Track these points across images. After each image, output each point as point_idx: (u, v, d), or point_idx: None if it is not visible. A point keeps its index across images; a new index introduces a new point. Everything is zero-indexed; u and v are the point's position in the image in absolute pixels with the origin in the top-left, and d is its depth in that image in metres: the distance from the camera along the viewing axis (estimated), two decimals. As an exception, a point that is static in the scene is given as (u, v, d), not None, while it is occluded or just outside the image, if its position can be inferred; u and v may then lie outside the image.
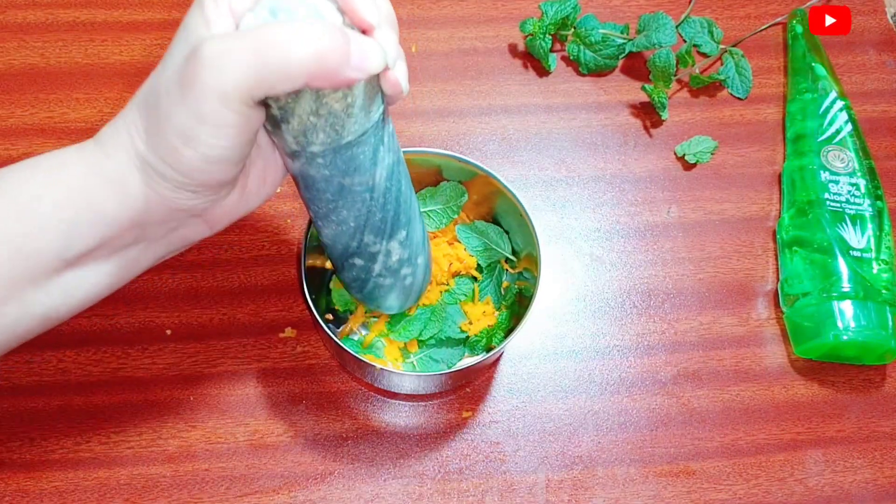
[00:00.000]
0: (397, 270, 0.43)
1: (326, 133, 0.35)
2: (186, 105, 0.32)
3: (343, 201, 0.38)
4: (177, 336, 0.58)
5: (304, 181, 0.38)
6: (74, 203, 0.35)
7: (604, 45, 0.68)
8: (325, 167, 0.37)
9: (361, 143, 0.36)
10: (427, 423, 0.57)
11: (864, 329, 0.57)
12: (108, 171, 0.35)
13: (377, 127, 0.36)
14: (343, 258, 0.43)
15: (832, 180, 0.62)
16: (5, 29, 0.67)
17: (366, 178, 0.38)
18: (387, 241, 0.41)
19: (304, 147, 0.36)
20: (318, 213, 0.40)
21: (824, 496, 0.56)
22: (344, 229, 0.40)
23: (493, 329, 0.56)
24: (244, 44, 0.31)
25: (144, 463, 0.54)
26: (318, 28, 0.31)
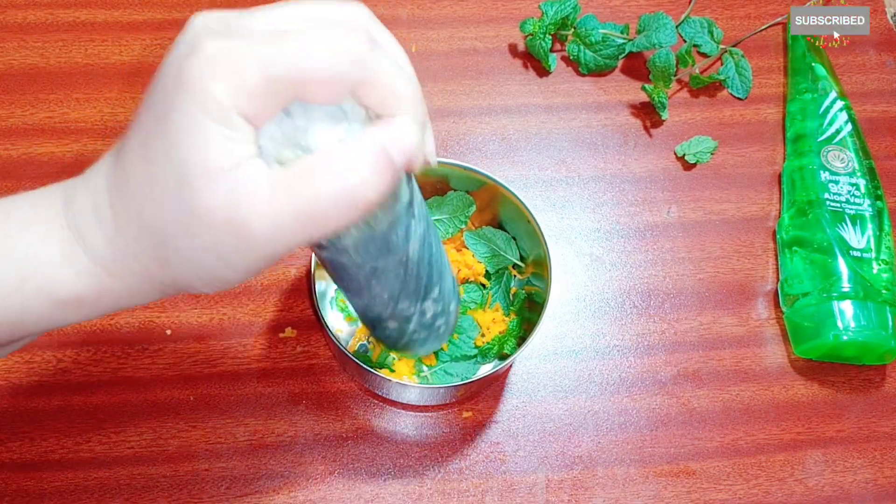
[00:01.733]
0: (431, 324, 0.41)
1: (359, 230, 0.33)
2: (211, 252, 0.28)
3: (376, 280, 0.36)
4: (177, 336, 0.57)
5: (332, 266, 0.36)
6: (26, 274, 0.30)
7: (604, 45, 0.68)
8: (356, 256, 0.34)
9: (394, 227, 0.34)
10: (427, 423, 0.57)
11: (864, 329, 0.57)
12: None
13: (408, 206, 0.34)
14: (376, 323, 0.40)
15: (832, 180, 0.62)
16: (5, 29, 0.67)
17: (399, 255, 0.35)
18: (421, 303, 0.39)
19: (335, 243, 0.33)
20: (348, 289, 0.38)
21: (824, 496, 0.56)
22: (377, 301, 0.38)
23: (505, 336, 0.56)
24: (292, 211, 0.27)
25: (144, 463, 0.54)
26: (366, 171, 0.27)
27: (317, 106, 0.28)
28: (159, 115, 0.27)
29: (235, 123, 0.26)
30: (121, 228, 0.29)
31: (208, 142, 0.26)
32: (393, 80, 0.28)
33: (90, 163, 0.32)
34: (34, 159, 0.62)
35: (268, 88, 0.26)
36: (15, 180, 0.61)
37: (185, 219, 0.28)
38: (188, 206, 0.27)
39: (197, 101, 0.26)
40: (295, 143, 0.28)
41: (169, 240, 0.29)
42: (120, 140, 0.30)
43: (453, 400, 0.57)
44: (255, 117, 0.27)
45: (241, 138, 0.27)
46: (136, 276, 0.30)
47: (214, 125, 0.26)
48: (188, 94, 0.26)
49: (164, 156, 0.27)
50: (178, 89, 0.26)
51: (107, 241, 0.30)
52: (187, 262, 0.29)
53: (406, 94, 0.29)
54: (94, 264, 0.30)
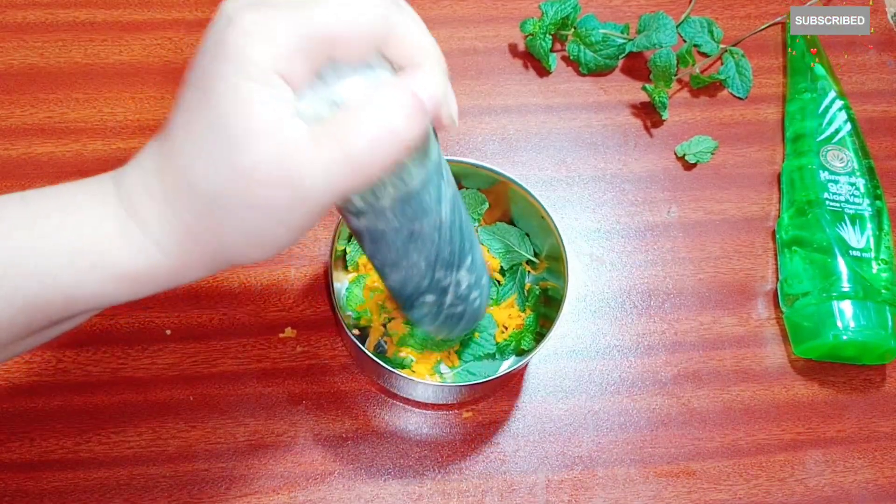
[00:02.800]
0: (467, 296, 0.42)
1: (395, 186, 0.34)
2: (262, 210, 0.29)
3: (413, 245, 0.37)
4: (177, 336, 0.57)
5: (370, 235, 0.37)
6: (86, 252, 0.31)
7: (604, 45, 0.68)
8: (394, 219, 0.35)
9: (427, 186, 0.35)
10: (427, 423, 0.57)
11: (863, 329, 0.57)
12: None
13: (438, 165, 0.36)
14: (413, 298, 0.41)
15: (831, 180, 0.62)
16: (5, 29, 0.67)
17: (433, 217, 0.37)
18: (456, 272, 0.40)
19: (373, 204, 0.34)
20: (387, 261, 0.39)
21: (824, 496, 0.56)
22: (415, 272, 0.39)
23: (522, 332, 0.56)
24: (337, 158, 0.28)
25: (144, 463, 0.54)
26: (402, 113, 0.29)
27: (346, 65, 0.30)
28: (202, 88, 0.29)
29: (275, 83, 0.28)
30: (171, 202, 0.31)
31: (251, 102, 0.28)
32: (416, 33, 0.31)
33: (90, 163, 0.33)
34: (34, 159, 0.62)
35: (302, 48, 0.28)
36: (15, 180, 0.61)
37: (236, 178, 0.29)
38: (238, 166, 0.28)
39: (237, 66, 0.28)
40: (329, 100, 0.30)
41: (221, 205, 0.30)
42: (163, 126, 0.31)
43: (476, 397, 0.57)
44: (293, 77, 0.28)
45: (282, 96, 0.28)
46: (189, 249, 0.31)
47: (255, 85, 0.28)
48: (228, 62, 0.28)
49: (209, 123, 0.29)
50: (217, 60, 0.28)
51: (158, 217, 0.31)
52: (239, 224, 0.30)
53: (428, 47, 0.31)
54: (147, 240, 0.31)
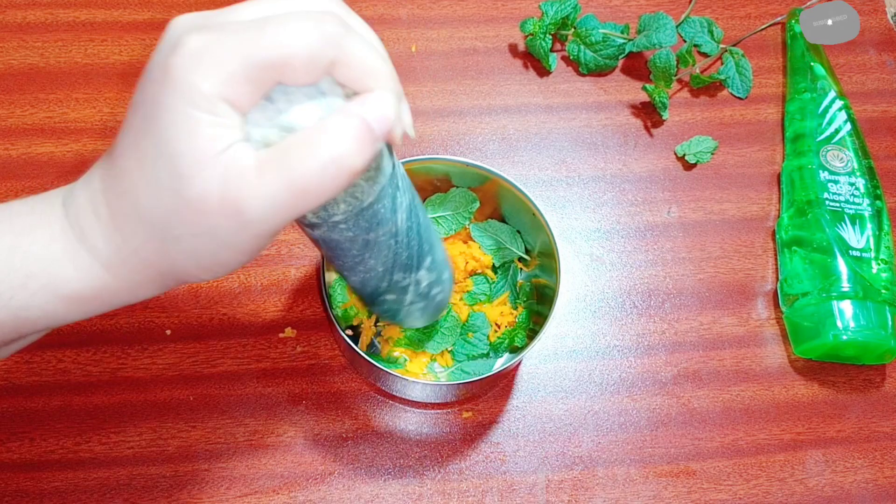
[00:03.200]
0: (428, 293, 0.43)
1: (347, 203, 0.34)
2: (208, 236, 0.29)
3: (369, 253, 0.38)
4: (176, 336, 0.57)
5: (325, 245, 0.38)
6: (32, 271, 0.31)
7: (604, 45, 0.68)
8: (347, 230, 0.36)
9: (381, 199, 0.35)
10: (427, 423, 0.57)
11: (863, 329, 0.57)
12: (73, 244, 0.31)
13: (392, 177, 0.36)
14: (373, 297, 0.42)
15: (831, 180, 0.62)
16: (5, 29, 0.67)
17: (388, 227, 0.37)
18: (415, 273, 0.41)
19: (325, 219, 0.35)
20: (344, 266, 0.39)
21: (824, 496, 0.56)
22: (372, 275, 0.40)
23: (515, 329, 0.57)
24: (282, 186, 0.28)
25: (144, 463, 0.54)
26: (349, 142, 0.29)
27: (296, 88, 0.30)
28: (147, 113, 0.29)
29: (221, 111, 0.28)
30: (119, 225, 0.30)
31: (196, 130, 0.28)
32: (366, 56, 0.30)
33: (90, 163, 0.33)
34: (34, 159, 0.62)
35: (248, 74, 0.28)
36: (15, 180, 0.61)
37: (181, 207, 0.29)
38: (182, 193, 0.28)
39: (182, 94, 0.27)
40: (279, 125, 0.30)
41: (167, 230, 0.30)
42: (112, 143, 0.31)
43: (469, 395, 0.57)
44: (239, 103, 0.28)
45: (228, 124, 0.28)
46: (137, 270, 0.31)
47: (201, 114, 0.27)
48: (173, 88, 0.27)
49: (154, 150, 0.28)
50: (163, 85, 0.28)
51: (106, 239, 0.31)
52: (186, 250, 0.30)
53: (380, 70, 0.30)
54: (96, 261, 0.31)
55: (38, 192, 0.64)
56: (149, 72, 0.29)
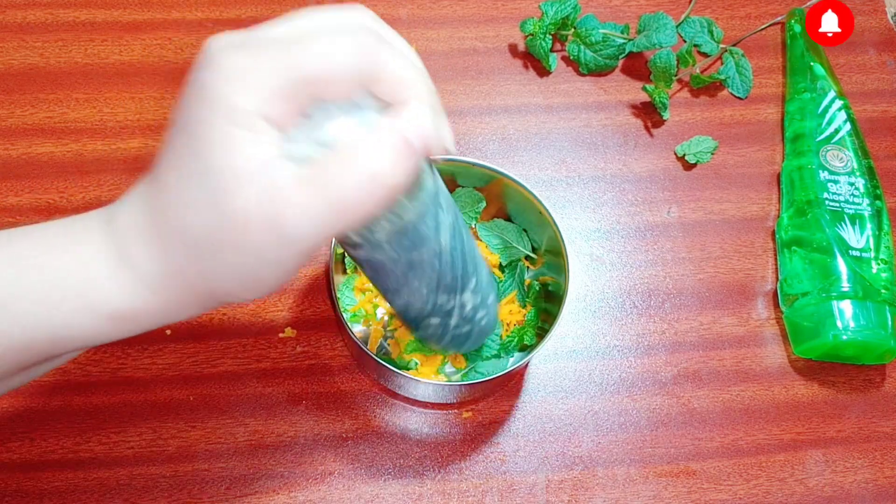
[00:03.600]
0: (473, 317, 0.42)
1: (390, 221, 0.34)
2: (250, 253, 0.29)
3: (413, 274, 0.37)
4: (176, 336, 0.57)
5: (369, 265, 0.37)
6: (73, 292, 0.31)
7: (604, 45, 0.68)
8: (391, 251, 0.35)
9: (424, 218, 0.35)
10: (427, 423, 0.57)
11: (863, 329, 0.57)
12: None
13: (434, 196, 0.35)
14: (418, 321, 0.42)
15: (831, 180, 0.62)
16: (5, 29, 0.67)
17: (432, 246, 0.36)
18: (460, 295, 0.40)
19: (368, 238, 0.35)
20: (388, 288, 0.39)
21: (824, 496, 0.56)
22: (417, 297, 0.39)
23: (524, 328, 0.57)
24: (322, 202, 0.28)
25: (144, 463, 0.54)
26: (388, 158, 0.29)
27: (333, 104, 0.30)
28: (187, 132, 0.29)
29: (260, 128, 0.28)
30: (162, 243, 0.31)
31: (236, 148, 0.28)
32: (402, 69, 0.30)
33: (90, 163, 0.33)
34: (34, 159, 0.62)
35: (286, 90, 0.28)
36: (15, 180, 0.61)
37: (222, 223, 0.29)
38: (224, 211, 0.28)
39: (222, 112, 0.28)
40: (317, 141, 0.30)
41: (209, 249, 0.30)
42: (153, 164, 0.31)
43: (481, 395, 0.57)
44: (278, 120, 0.28)
45: (267, 141, 0.28)
46: (178, 290, 0.31)
47: (240, 131, 0.28)
48: (213, 107, 0.28)
49: (195, 168, 0.29)
50: (202, 104, 0.28)
51: (149, 257, 0.31)
52: (228, 268, 0.30)
53: (416, 82, 0.31)
54: (137, 280, 0.31)
55: (39, 193, 0.64)
56: (189, 90, 0.29)
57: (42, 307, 0.31)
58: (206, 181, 0.29)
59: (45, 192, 0.61)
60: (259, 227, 0.28)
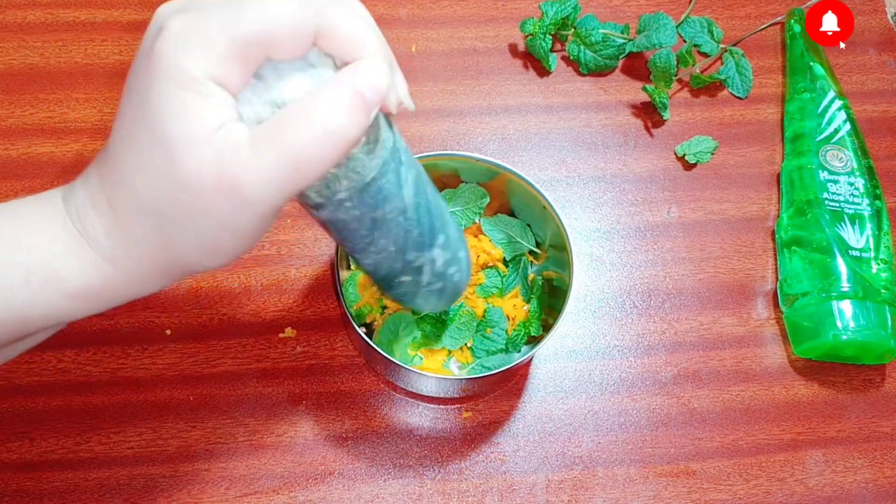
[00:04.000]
0: (444, 273, 0.42)
1: (349, 178, 0.34)
2: (208, 219, 0.29)
3: (379, 232, 0.37)
4: (176, 336, 0.57)
5: (333, 226, 0.37)
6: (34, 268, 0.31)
7: (604, 45, 0.68)
8: (353, 208, 0.35)
9: (384, 174, 0.35)
10: (427, 423, 0.57)
11: (863, 329, 0.57)
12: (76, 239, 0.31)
13: (394, 151, 0.35)
14: (389, 279, 0.41)
15: (831, 180, 0.62)
16: (5, 29, 0.67)
17: (396, 203, 0.36)
18: (429, 251, 0.40)
19: (329, 197, 0.34)
20: (355, 248, 0.39)
21: (824, 496, 0.56)
22: (385, 256, 0.39)
23: (528, 320, 0.57)
24: (278, 160, 0.28)
25: (144, 463, 0.54)
26: (341, 112, 0.28)
27: (286, 64, 0.30)
28: (138, 101, 0.29)
29: (210, 90, 0.28)
30: (119, 216, 0.30)
31: (187, 112, 0.27)
32: (352, 24, 0.30)
33: (90, 162, 0.33)
34: (34, 159, 0.62)
35: (235, 51, 0.28)
36: (15, 180, 0.61)
37: (178, 190, 0.28)
38: (178, 176, 0.28)
39: (171, 76, 0.27)
40: (270, 101, 0.30)
41: (166, 216, 0.29)
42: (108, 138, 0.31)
43: (487, 389, 0.57)
44: (229, 82, 0.28)
45: (219, 104, 0.28)
46: (140, 262, 0.31)
47: (191, 95, 0.27)
48: (161, 72, 0.28)
49: (147, 136, 0.28)
50: (151, 70, 0.28)
51: (107, 231, 0.31)
52: (187, 235, 0.30)
53: (369, 38, 0.30)
54: (99, 255, 0.31)
55: (39, 192, 0.64)
56: (137, 60, 0.29)
57: (9, 286, 0.31)
58: (158, 148, 0.28)
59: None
60: (214, 189, 0.28)
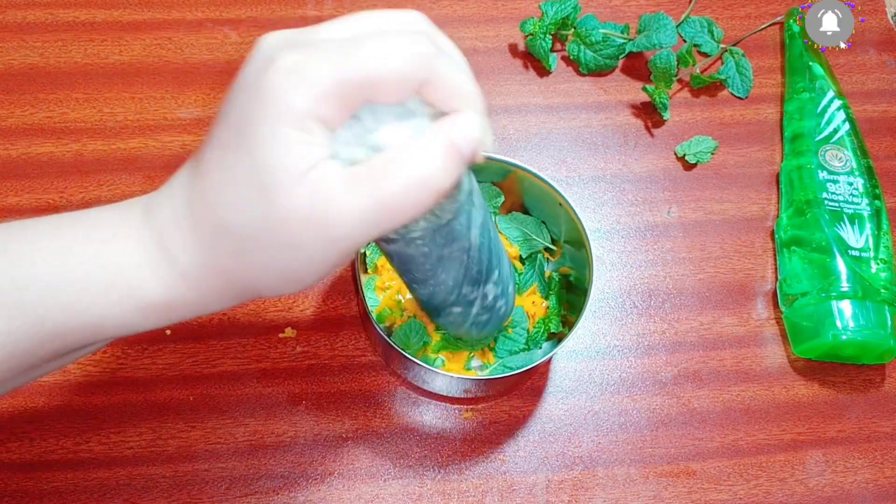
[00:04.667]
0: (493, 306, 0.43)
1: (427, 220, 0.34)
2: (294, 250, 0.30)
3: (441, 268, 0.38)
4: (176, 336, 0.57)
5: (399, 258, 0.38)
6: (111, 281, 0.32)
7: (604, 45, 0.68)
8: (423, 246, 0.36)
9: (458, 216, 0.36)
10: (427, 423, 0.57)
11: (862, 328, 0.57)
12: None
13: (469, 194, 0.36)
14: (440, 310, 0.43)
15: (830, 180, 0.62)
16: (5, 29, 0.67)
17: (463, 243, 0.37)
18: (483, 287, 0.41)
19: (404, 235, 0.35)
20: (414, 279, 0.40)
21: (825, 496, 0.56)
22: (442, 289, 0.40)
23: (548, 317, 0.57)
24: (371, 203, 0.29)
25: (144, 463, 0.54)
26: (438, 163, 0.29)
27: (384, 107, 0.30)
28: (237, 128, 0.29)
29: (311, 128, 0.28)
30: (202, 236, 0.31)
31: (287, 147, 0.28)
32: (455, 77, 0.30)
33: (90, 163, 0.33)
34: (34, 159, 0.62)
35: (340, 93, 0.28)
36: (15, 180, 0.61)
37: (268, 220, 0.29)
38: (270, 207, 0.29)
39: (274, 110, 0.28)
40: (366, 144, 0.30)
41: (252, 244, 0.30)
42: (195, 155, 0.31)
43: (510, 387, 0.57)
44: (329, 121, 0.29)
45: (318, 142, 0.28)
46: (216, 284, 0.32)
47: (292, 131, 0.28)
48: (266, 105, 0.28)
49: (243, 164, 0.29)
50: (255, 101, 0.28)
51: (188, 250, 0.31)
52: (270, 263, 0.30)
53: (468, 90, 0.31)
54: (175, 272, 0.31)
55: (39, 193, 0.64)
56: (240, 86, 0.30)
57: (85, 297, 0.31)
58: (253, 179, 0.29)
59: (45, 191, 0.61)
60: (305, 225, 0.29)
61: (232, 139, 0.29)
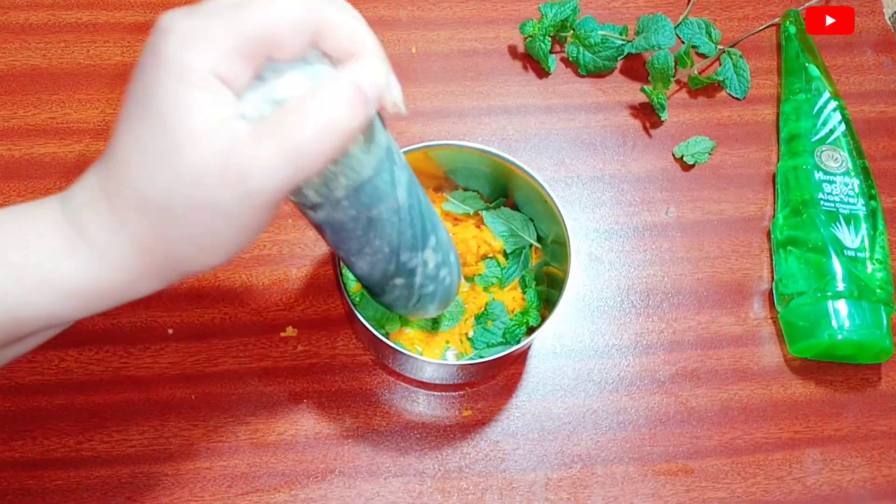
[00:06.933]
0: (436, 275, 0.43)
1: (346, 176, 0.35)
2: (208, 211, 0.30)
3: (374, 232, 0.38)
4: (178, 335, 0.58)
5: (330, 227, 0.38)
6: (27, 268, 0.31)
7: (603, 46, 0.69)
8: (350, 208, 0.36)
9: (380, 172, 0.36)
10: (427, 421, 0.57)
11: (858, 328, 0.57)
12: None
13: (388, 151, 0.36)
14: (382, 283, 0.43)
15: (826, 180, 0.63)
16: (8, 30, 0.67)
17: (390, 202, 0.38)
18: (421, 252, 0.41)
19: (327, 196, 0.35)
20: (350, 251, 0.40)
21: (822, 495, 0.57)
22: (379, 257, 0.40)
23: (526, 310, 0.57)
24: (280, 152, 0.29)
25: (146, 461, 0.54)
26: (342, 106, 0.30)
27: (286, 64, 0.31)
28: (142, 99, 0.30)
29: (214, 87, 0.29)
30: (117, 212, 0.31)
31: (192, 106, 0.28)
32: (349, 24, 0.31)
33: (92, 163, 0.33)
34: (36, 160, 0.63)
35: (239, 49, 0.29)
36: (17, 181, 0.62)
37: (181, 183, 0.29)
38: (182, 169, 0.29)
39: (176, 73, 0.28)
40: (271, 100, 0.31)
41: (168, 210, 0.30)
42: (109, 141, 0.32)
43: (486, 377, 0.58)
44: (232, 81, 0.29)
45: (222, 101, 0.29)
46: (137, 261, 0.32)
47: (195, 91, 0.28)
48: (167, 69, 0.29)
49: (151, 131, 0.29)
50: (156, 69, 0.29)
51: (105, 230, 0.31)
52: (189, 229, 0.30)
53: (363, 36, 0.32)
54: (94, 255, 0.31)
55: (41, 193, 0.64)
56: (142, 61, 0.30)
57: (1, 286, 0.31)
58: (161, 143, 0.29)
59: (48, 192, 0.61)
60: (217, 181, 0.29)
61: (138, 110, 0.30)
